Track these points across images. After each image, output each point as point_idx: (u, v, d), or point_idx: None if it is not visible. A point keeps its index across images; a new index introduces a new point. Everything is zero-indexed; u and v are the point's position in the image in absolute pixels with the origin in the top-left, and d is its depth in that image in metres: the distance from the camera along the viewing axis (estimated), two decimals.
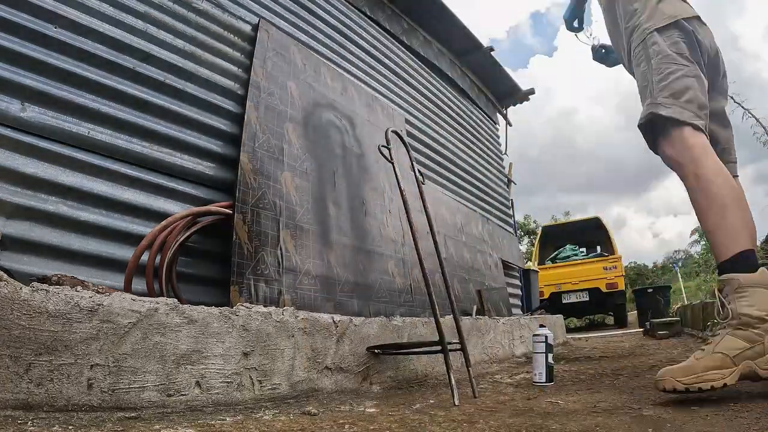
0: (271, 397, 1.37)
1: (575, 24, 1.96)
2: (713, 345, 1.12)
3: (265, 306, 1.49)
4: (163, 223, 1.66)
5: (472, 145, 4.79)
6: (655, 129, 1.42)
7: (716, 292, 1.18)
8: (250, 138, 1.97)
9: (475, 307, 3.35)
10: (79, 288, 1.11)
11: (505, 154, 5.89)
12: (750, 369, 1.09)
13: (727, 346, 1.10)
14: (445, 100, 4.43)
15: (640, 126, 1.45)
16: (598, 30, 2.78)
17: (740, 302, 1.13)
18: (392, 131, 1.95)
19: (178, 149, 1.88)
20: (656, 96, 1.42)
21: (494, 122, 5.78)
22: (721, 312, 1.16)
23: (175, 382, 1.17)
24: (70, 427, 0.92)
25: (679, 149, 1.35)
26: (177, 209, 1.80)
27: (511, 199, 5.94)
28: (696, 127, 1.35)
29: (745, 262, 1.17)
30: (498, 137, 5.81)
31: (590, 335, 6.17)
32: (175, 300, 1.23)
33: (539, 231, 10.58)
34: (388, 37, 3.70)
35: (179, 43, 1.99)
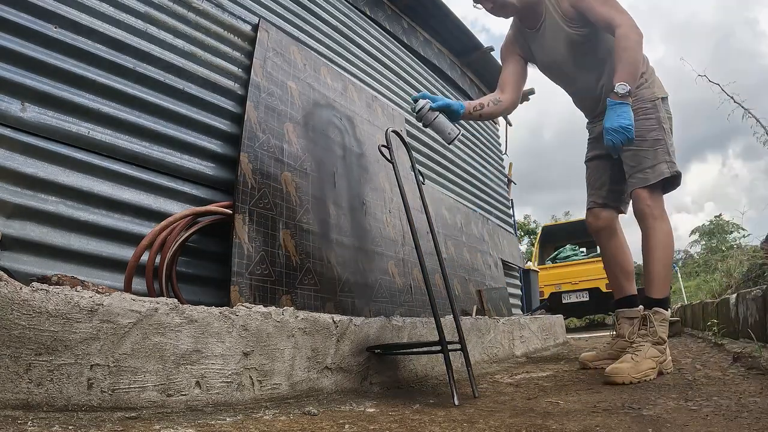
0: (271, 397, 1.37)
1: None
2: (645, 351, 1.66)
3: (265, 306, 1.49)
4: (163, 223, 1.66)
5: (472, 145, 4.79)
6: (665, 184, 1.83)
7: (649, 315, 1.75)
8: (250, 138, 1.97)
9: (475, 307, 3.35)
10: (79, 288, 1.11)
11: (505, 154, 5.90)
12: (660, 368, 1.70)
13: (653, 354, 1.67)
14: None
15: (666, 179, 1.80)
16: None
17: (661, 328, 1.73)
18: (392, 131, 1.95)
19: (178, 149, 1.88)
20: (673, 157, 1.81)
21: (494, 122, 5.78)
22: (644, 330, 1.74)
23: (175, 382, 1.17)
24: (70, 427, 0.92)
25: (662, 207, 1.83)
26: (177, 209, 1.80)
27: (511, 199, 5.94)
28: None
29: (667, 303, 1.80)
30: (498, 137, 5.81)
31: (590, 335, 6.17)
32: (175, 300, 1.23)
33: (539, 231, 10.58)
34: (388, 37, 3.70)
35: (179, 43, 1.99)
